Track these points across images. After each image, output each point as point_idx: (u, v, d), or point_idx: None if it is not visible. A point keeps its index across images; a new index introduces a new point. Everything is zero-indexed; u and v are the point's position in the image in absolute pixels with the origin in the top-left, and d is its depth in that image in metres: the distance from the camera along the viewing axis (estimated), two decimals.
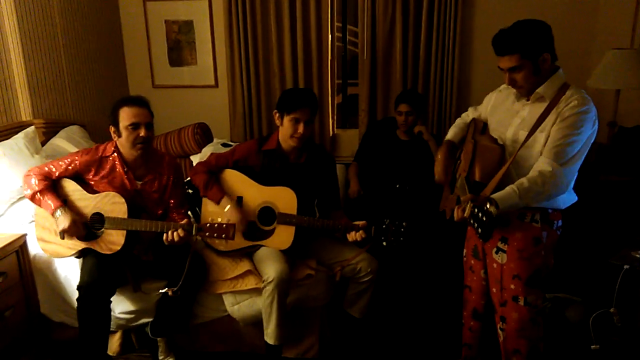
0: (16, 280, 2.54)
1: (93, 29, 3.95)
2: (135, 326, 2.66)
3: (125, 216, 2.41)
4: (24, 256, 2.58)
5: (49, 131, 3.37)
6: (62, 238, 2.47)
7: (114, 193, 2.44)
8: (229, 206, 2.55)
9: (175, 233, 2.33)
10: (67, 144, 3.32)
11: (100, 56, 4.06)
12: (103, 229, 2.45)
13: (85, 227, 2.47)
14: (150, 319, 2.60)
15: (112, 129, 2.47)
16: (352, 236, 2.46)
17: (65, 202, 2.46)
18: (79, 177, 2.53)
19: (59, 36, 3.57)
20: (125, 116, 2.42)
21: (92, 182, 2.52)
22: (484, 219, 1.78)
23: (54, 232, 2.50)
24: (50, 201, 2.42)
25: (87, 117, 3.88)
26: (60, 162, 2.51)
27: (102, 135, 3.89)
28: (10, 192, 2.82)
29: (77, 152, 2.56)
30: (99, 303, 2.37)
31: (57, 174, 2.50)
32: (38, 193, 2.44)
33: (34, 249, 2.67)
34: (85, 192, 2.49)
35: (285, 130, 2.56)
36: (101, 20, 4.05)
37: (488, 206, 1.80)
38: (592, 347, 2.42)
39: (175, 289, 2.40)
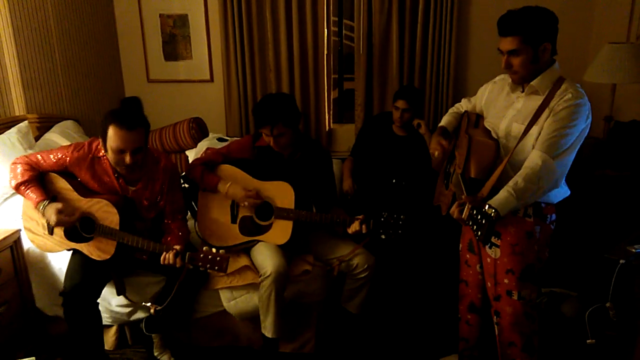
0: (11, 276, 2.53)
1: (87, 23, 3.92)
2: (133, 320, 2.65)
3: (117, 227, 2.30)
4: (18, 252, 2.57)
5: (42, 126, 3.35)
6: (51, 233, 2.42)
7: (106, 202, 2.32)
8: (228, 185, 2.53)
9: (169, 258, 2.23)
10: (61, 139, 3.30)
11: (95, 51, 4.02)
12: (93, 235, 2.35)
13: (74, 229, 2.37)
14: (147, 314, 2.58)
15: (100, 140, 2.32)
16: (353, 227, 2.45)
17: (54, 199, 2.36)
18: (68, 173, 2.43)
19: (53, 30, 3.54)
20: (113, 137, 2.21)
21: (83, 180, 2.42)
22: (483, 221, 1.79)
23: (41, 225, 2.44)
24: (33, 194, 2.32)
25: (81, 112, 3.85)
26: (50, 155, 2.40)
27: (97, 130, 3.85)
28: (4, 187, 2.81)
29: (69, 147, 2.43)
30: (84, 307, 2.31)
31: (45, 166, 2.40)
32: (22, 184, 2.34)
33: (28, 242, 2.65)
34: (75, 192, 2.38)
35: (265, 140, 2.56)
36: (95, 14, 4.02)
37: (486, 208, 1.81)
38: (587, 341, 2.43)
39: (159, 308, 2.34)
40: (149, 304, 2.36)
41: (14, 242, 2.53)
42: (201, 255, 2.20)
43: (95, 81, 4.05)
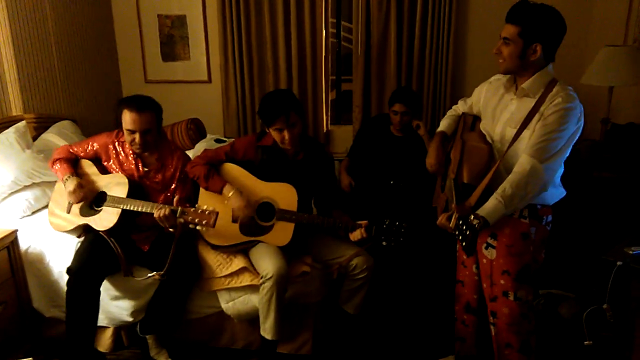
0: (7, 277, 2.52)
1: (85, 23, 3.91)
2: (130, 322, 2.65)
3: (124, 196, 2.47)
4: (15, 252, 2.56)
5: (40, 126, 3.34)
6: (68, 212, 2.59)
7: (120, 174, 2.57)
8: (232, 192, 2.52)
9: (162, 211, 2.35)
10: (59, 139, 3.29)
11: (93, 51, 4.02)
12: (102, 207, 2.52)
13: (89, 202, 2.60)
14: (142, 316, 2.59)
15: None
16: (355, 235, 2.45)
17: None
18: (98, 159, 2.68)
19: (51, 30, 3.53)
20: (125, 119, 2.47)
21: (107, 165, 2.65)
22: (467, 232, 1.81)
23: (62, 206, 2.64)
24: (62, 168, 2.62)
25: (78, 112, 3.84)
26: (83, 145, 2.70)
27: (94, 130, 3.85)
28: (1, 187, 2.80)
29: (102, 134, 2.70)
30: (86, 287, 2.41)
31: (79, 153, 2.70)
32: (57, 161, 2.64)
33: (26, 243, 2.66)
34: (99, 173, 2.62)
35: (275, 138, 2.55)
36: (93, 14, 4.02)
37: (472, 218, 1.82)
38: (585, 343, 2.43)
39: (162, 272, 2.42)
40: (153, 273, 2.45)
41: (10, 243, 2.53)
42: (192, 210, 2.33)
43: (93, 81, 4.04)
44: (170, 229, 2.42)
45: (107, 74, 4.25)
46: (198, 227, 2.33)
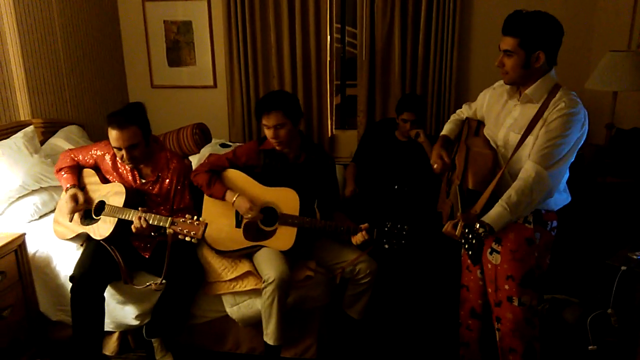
0: (15, 280, 2.54)
1: (92, 29, 3.95)
2: (135, 327, 2.67)
3: (121, 205, 2.46)
4: (23, 255, 2.58)
5: (47, 131, 3.37)
6: (70, 221, 2.62)
7: (119, 183, 2.56)
8: (235, 196, 2.53)
9: (152, 217, 2.35)
10: (66, 144, 3.32)
11: (99, 56, 4.06)
12: (101, 216, 2.54)
13: (87, 212, 2.62)
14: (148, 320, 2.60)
15: None
16: (356, 239, 2.45)
17: (82, 190, 2.63)
18: (98, 168, 2.69)
19: (58, 36, 3.57)
20: (110, 136, 2.45)
21: (107, 175, 2.66)
22: (473, 241, 1.81)
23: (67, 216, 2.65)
24: (66, 178, 2.64)
25: (85, 117, 3.88)
26: (85, 151, 2.71)
27: (101, 135, 3.88)
28: (10, 191, 2.82)
29: (100, 142, 2.71)
30: (90, 294, 2.42)
31: (81, 161, 2.71)
32: (63, 170, 2.67)
33: (33, 247, 2.68)
34: (100, 183, 2.64)
35: (266, 135, 2.58)
36: (100, 20, 4.05)
37: (477, 227, 1.82)
38: (589, 348, 2.43)
39: (158, 282, 2.43)
40: (150, 282, 2.46)
41: (18, 246, 2.55)
42: (181, 220, 2.31)
43: (100, 86, 4.08)
44: (153, 233, 2.43)
45: (113, 79, 4.29)
46: (187, 239, 2.29)
